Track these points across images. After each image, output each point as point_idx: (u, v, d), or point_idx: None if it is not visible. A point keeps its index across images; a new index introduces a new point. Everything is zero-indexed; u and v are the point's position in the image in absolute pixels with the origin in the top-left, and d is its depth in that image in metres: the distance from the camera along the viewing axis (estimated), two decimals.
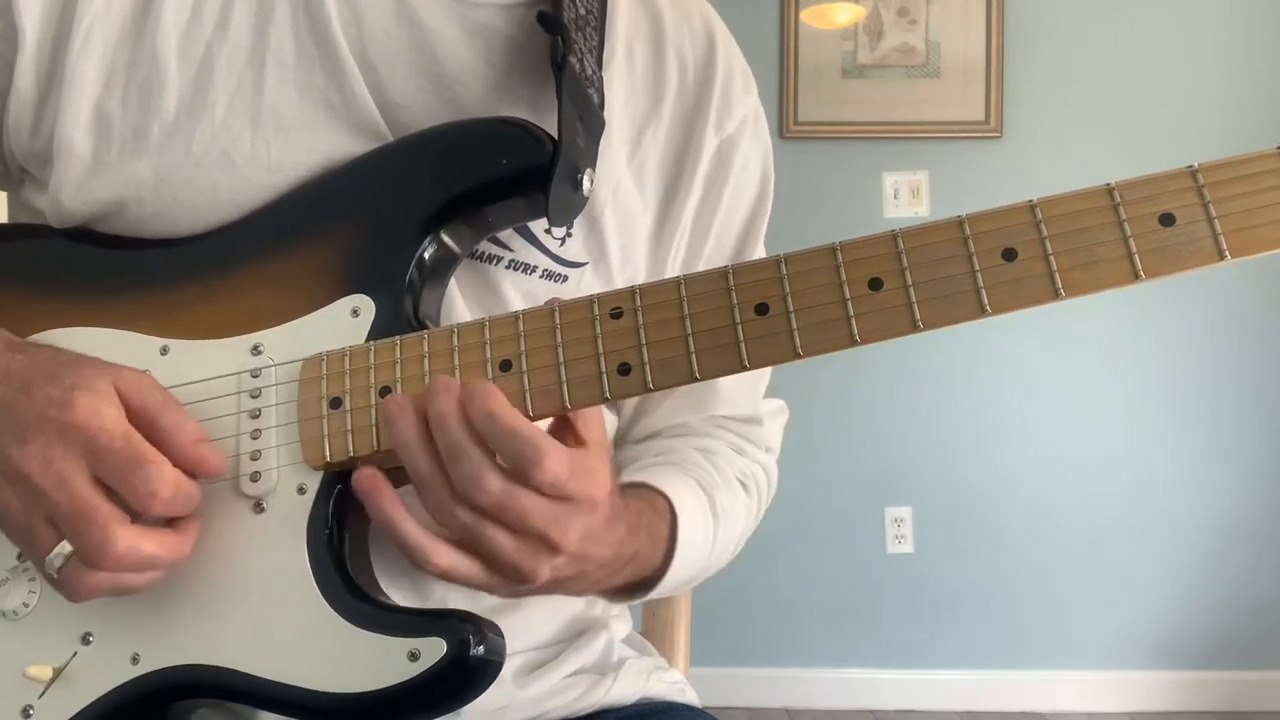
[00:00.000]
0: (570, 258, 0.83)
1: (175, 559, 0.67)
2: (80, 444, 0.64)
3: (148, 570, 0.66)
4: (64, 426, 0.64)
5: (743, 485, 0.93)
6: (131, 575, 0.66)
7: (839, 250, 0.63)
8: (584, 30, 0.82)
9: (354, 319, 0.73)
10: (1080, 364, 3.27)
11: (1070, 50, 3.29)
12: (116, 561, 0.63)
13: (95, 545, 0.63)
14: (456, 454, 0.63)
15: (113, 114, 0.78)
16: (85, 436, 0.64)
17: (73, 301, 0.77)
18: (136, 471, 0.64)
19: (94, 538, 0.63)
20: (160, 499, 0.64)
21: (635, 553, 0.76)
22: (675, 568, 0.81)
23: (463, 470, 0.63)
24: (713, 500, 0.87)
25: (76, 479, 0.63)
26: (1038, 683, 3.27)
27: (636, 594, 0.84)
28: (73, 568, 0.64)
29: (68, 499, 0.63)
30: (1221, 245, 0.58)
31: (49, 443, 0.64)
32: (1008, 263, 0.61)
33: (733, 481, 0.92)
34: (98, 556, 0.63)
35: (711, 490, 0.88)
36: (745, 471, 0.94)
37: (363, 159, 0.77)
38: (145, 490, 0.64)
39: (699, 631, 1.19)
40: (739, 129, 0.93)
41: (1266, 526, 3.28)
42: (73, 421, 0.64)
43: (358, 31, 0.80)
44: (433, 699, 0.66)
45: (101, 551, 0.63)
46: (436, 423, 0.64)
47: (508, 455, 0.63)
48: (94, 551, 0.63)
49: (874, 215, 3.27)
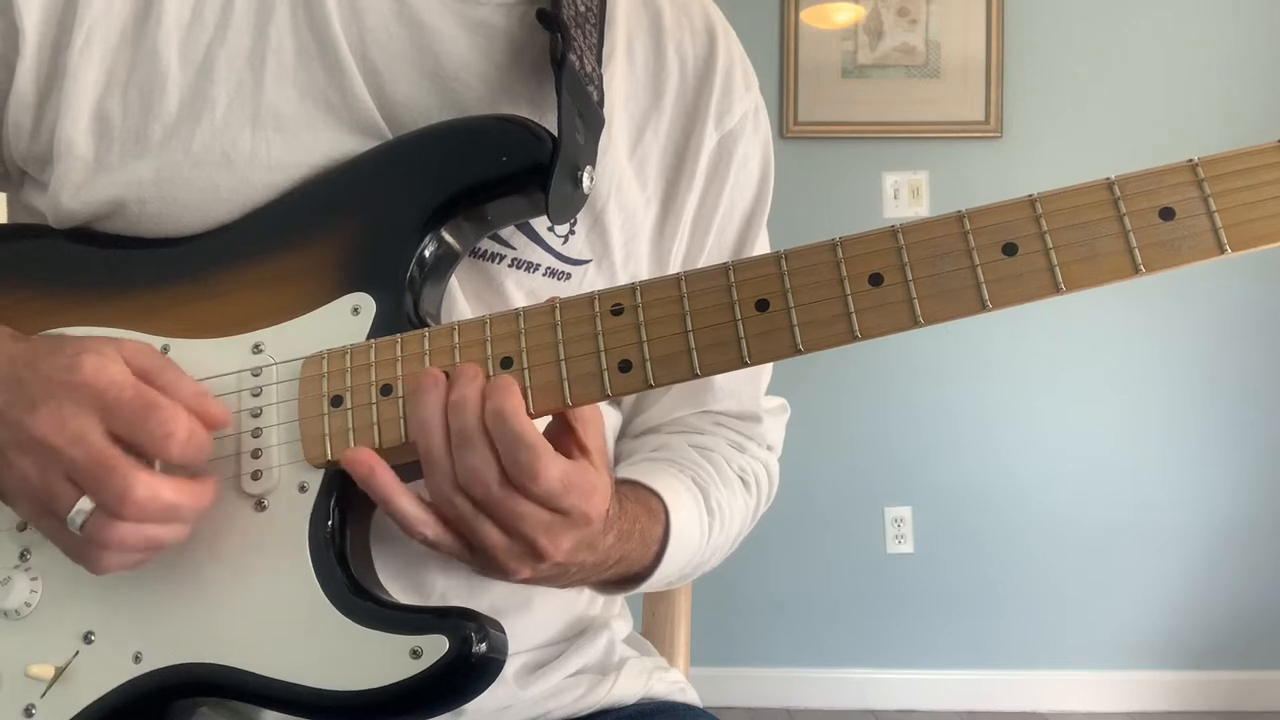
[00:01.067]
0: (573, 255, 0.84)
1: (196, 507, 0.67)
2: (91, 400, 0.64)
3: (171, 521, 0.66)
4: (73, 386, 0.64)
5: (743, 482, 0.93)
6: (155, 527, 0.66)
7: (839, 246, 0.63)
8: (583, 27, 0.82)
9: (355, 317, 0.73)
10: (1080, 364, 3.27)
11: (1070, 50, 3.29)
12: (138, 508, 0.63)
13: (116, 493, 0.63)
14: (465, 443, 0.64)
15: (113, 115, 0.78)
16: (95, 392, 0.64)
17: (73, 301, 0.77)
18: (151, 416, 0.64)
19: (114, 486, 0.63)
20: (177, 440, 0.65)
21: (622, 557, 0.78)
22: (664, 569, 0.82)
23: (468, 460, 0.64)
24: (707, 498, 0.88)
25: (91, 434, 0.64)
26: (1038, 683, 3.27)
27: (623, 588, 0.85)
28: (95, 522, 0.64)
29: (84, 453, 0.63)
30: (1222, 239, 0.58)
31: (59, 405, 0.64)
32: (1008, 257, 0.61)
33: (731, 479, 0.92)
34: (119, 504, 0.63)
35: (707, 488, 0.88)
36: (745, 468, 0.94)
37: (363, 157, 0.77)
38: (162, 432, 0.64)
39: (699, 631, 1.19)
40: (739, 124, 0.93)
41: (1266, 527, 3.28)
42: (81, 380, 0.64)
43: (358, 31, 0.81)
44: (435, 696, 0.66)
45: (122, 499, 0.63)
46: (455, 406, 0.65)
47: (509, 460, 0.64)
48: (115, 500, 0.63)
49: (874, 215, 3.27)
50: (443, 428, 0.65)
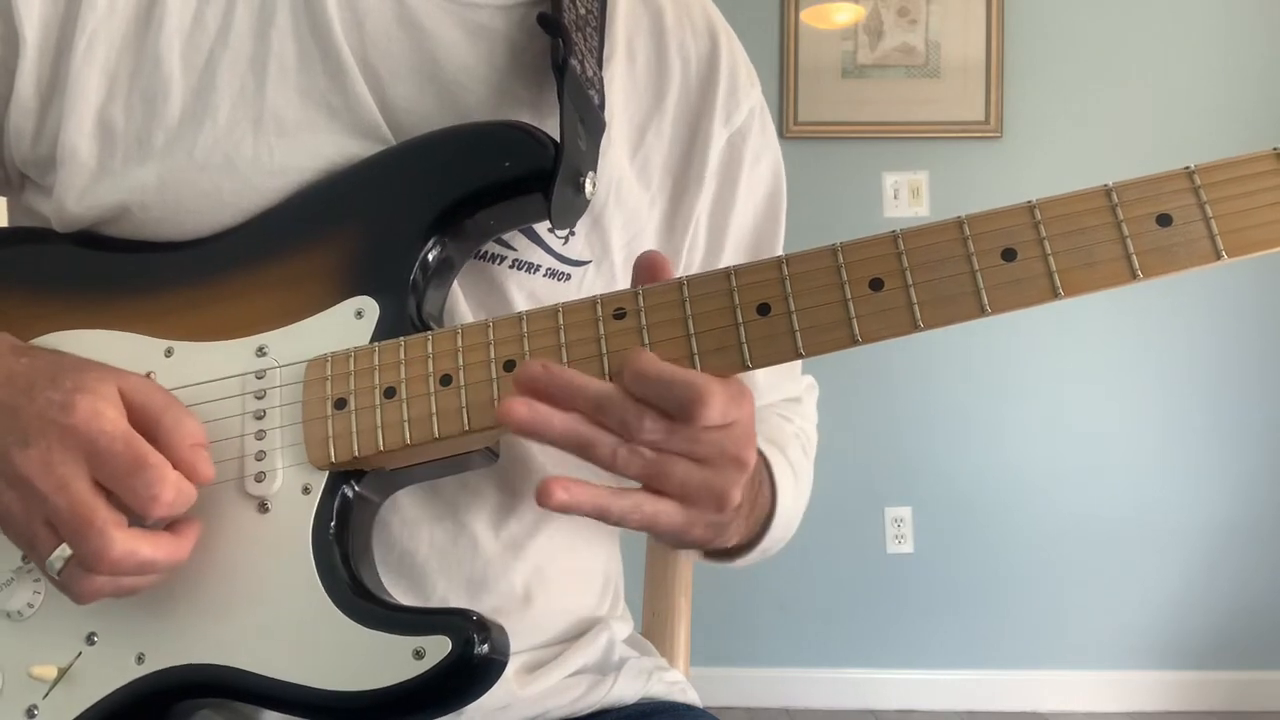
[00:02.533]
0: (573, 256, 0.84)
1: (173, 562, 0.67)
2: (80, 447, 0.64)
3: (146, 574, 0.66)
4: (64, 429, 0.64)
5: (801, 447, 0.96)
6: (130, 578, 0.66)
7: (840, 251, 0.64)
8: (584, 31, 0.82)
9: (358, 320, 0.73)
10: (1080, 364, 3.27)
11: (1070, 50, 3.29)
12: (113, 565, 0.63)
13: (92, 550, 0.63)
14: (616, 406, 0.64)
15: (116, 120, 0.78)
16: (85, 439, 0.64)
17: (77, 304, 0.77)
18: (138, 475, 0.64)
19: (91, 543, 0.63)
20: (162, 502, 0.64)
21: (754, 499, 0.80)
22: (777, 520, 0.86)
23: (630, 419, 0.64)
24: (787, 454, 0.90)
25: (76, 483, 0.63)
26: (1038, 683, 3.27)
27: (742, 552, 0.88)
28: (72, 570, 0.64)
29: (66, 503, 0.63)
30: (1218, 245, 0.59)
31: (49, 446, 0.64)
32: (1007, 263, 0.61)
33: (791, 440, 0.94)
34: (95, 561, 0.63)
35: (784, 448, 0.91)
36: (797, 432, 0.97)
37: (366, 162, 0.78)
38: (147, 494, 0.64)
39: (699, 631, 1.19)
40: (747, 121, 0.93)
41: (1266, 526, 3.28)
42: (73, 424, 0.64)
43: (359, 35, 0.81)
44: (437, 697, 0.66)
45: (98, 556, 0.63)
46: (600, 400, 0.64)
47: (670, 403, 0.63)
48: (91, 556, 0.63)
49: (874, 215, 3.27)
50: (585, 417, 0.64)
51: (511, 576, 0.84)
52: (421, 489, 0.80)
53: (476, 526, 0.82)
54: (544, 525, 0.86)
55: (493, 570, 0.83)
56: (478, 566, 0.82)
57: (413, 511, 0.80)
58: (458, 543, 0.82)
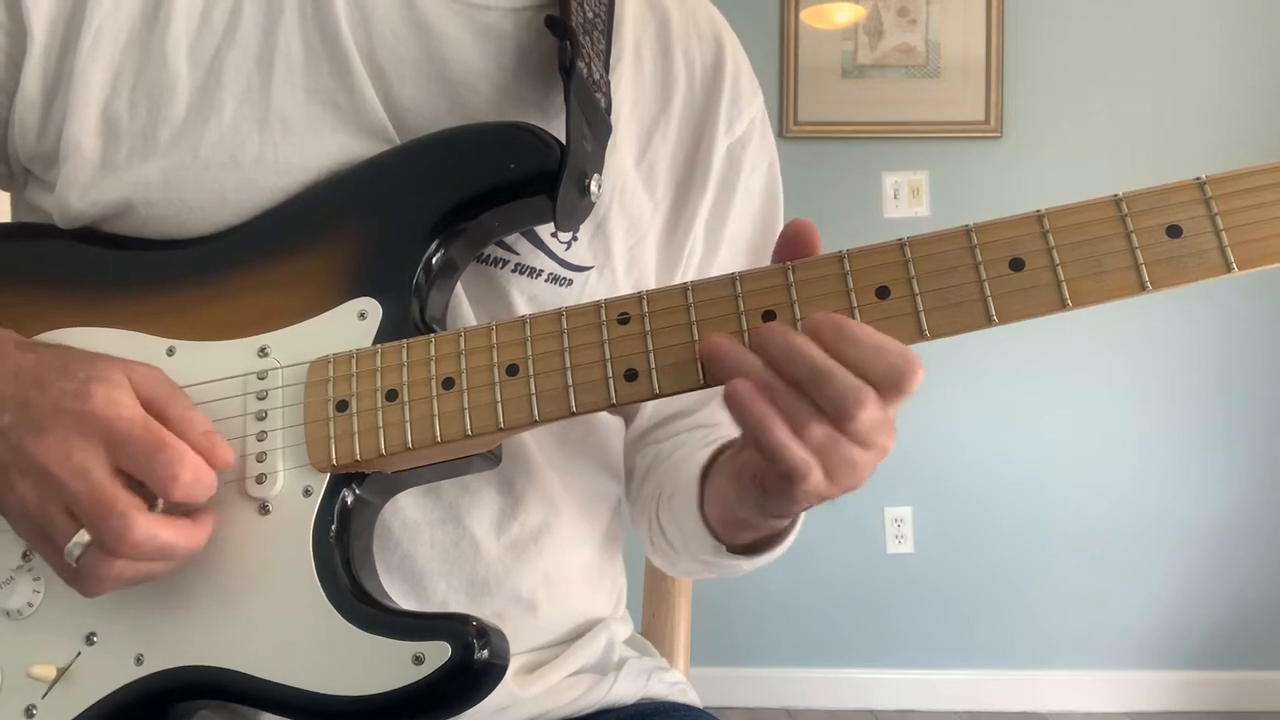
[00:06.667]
0: (576, 261, 0.84)
1: (191, 548, 0.67)
2: (99, 433, 0.64)
3: (166, 559, 0.66)
4: (81, 416, 0.64)
5: None
6: (147, 564, 0.66)
7: (846, 258, 0.63)
8: (591, 34, 0.82)
9: (361, 322, 0.73)
10: (1080, 364, 3.27)
11: (1070, 50, 3.29)
12: (134, 548, 0.64)
13: (114, 532, 0.63)
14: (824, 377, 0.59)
15: (121, 117, 0.78)
16: (104, 425, 0.64)
17: (80, 301, 0.77)
18: (157, 455, 0.64)
19: (113, 525, 0.63)
20: (182, 482, 0.65)
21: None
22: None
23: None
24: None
25: (96, 468, 0.64)
26: (1038, 683, 3.27)
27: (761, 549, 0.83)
28: (91, 556, 0.64)
29: (87, 488, 0.63)
30: (1229, 257, 0.58)
31: (66, 434, 0.64)
32: (1015, 272, 0.61)
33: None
34: (117, 544, 0.63)
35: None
36: None
37: (370, 162, 0.77)
38: (167, 474, 0.64)
39: (699, 631, 1.19)
40: (748, 131, 0.93)
41: (1266, 526, 3.28)
42: (90, 411, 0.64)
43: (366, 34, 0.80)
44: (437, 702, 0.66)
45: (120, 539, 0.63)
46: (790, 354, 0.60)
47: (878, 372, 0.59)
48: (113, 539, 0.63)
49: (874, 215, 3.27)
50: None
51: (513, 579, 0.84)
52: (423, 491, 0.80)
53: (478, 529, 0.82)
54: (546, 528, 0.86)
55: (494, 573, 0.83)
56: (479, 569, 0.82)
57: (414, 513, 0.80)
58: (459, 545, 0.82)
